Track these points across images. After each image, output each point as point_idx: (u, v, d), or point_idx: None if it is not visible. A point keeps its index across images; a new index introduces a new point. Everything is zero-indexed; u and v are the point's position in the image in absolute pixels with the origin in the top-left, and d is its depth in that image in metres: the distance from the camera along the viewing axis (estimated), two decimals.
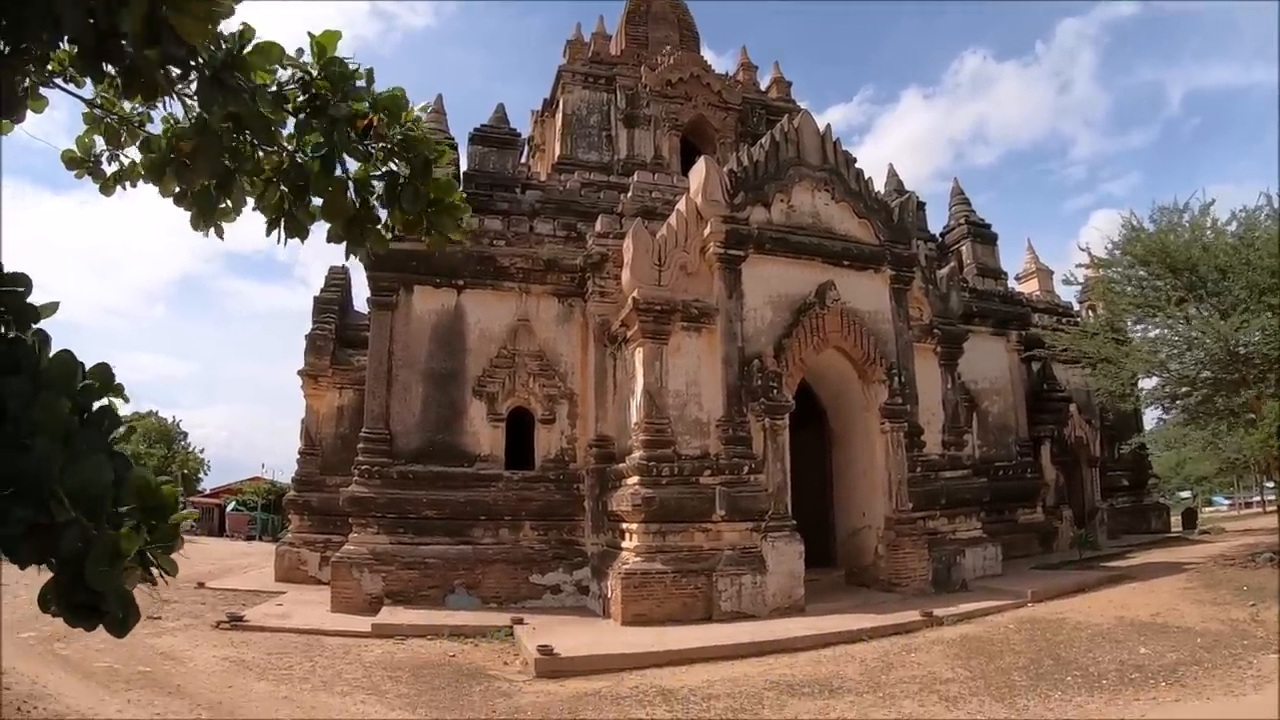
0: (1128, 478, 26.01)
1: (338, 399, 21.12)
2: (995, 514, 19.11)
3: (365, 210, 2.86)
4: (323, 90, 2.63)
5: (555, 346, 16.72)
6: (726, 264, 14.44)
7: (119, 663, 10.06)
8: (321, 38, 2.62)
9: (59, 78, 2.70)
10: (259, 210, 2.94)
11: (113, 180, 3.08)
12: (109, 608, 1.76)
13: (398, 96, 2.76)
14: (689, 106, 21.93)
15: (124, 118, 2.97)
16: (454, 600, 14.60)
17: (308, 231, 2.93)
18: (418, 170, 2.81)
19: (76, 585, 1.71)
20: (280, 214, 2.88)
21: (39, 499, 1.62)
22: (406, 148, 2.78)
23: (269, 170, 2.81)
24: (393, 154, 2.79)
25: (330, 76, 2.63)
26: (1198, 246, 16.55)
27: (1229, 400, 16.47)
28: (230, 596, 16.78)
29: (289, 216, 2.88)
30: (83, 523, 1.67)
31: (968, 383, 20.33)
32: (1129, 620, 11.39)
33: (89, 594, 1.72)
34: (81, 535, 1.67)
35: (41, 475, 1.63)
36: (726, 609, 12.77)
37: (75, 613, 1.76)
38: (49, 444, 1.66)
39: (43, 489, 1.63)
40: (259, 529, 40.16)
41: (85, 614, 1.77)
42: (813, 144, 15.86)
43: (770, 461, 13.93)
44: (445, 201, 2.90)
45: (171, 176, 2.79)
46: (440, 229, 2.96)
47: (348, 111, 2.64)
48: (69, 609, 1.76)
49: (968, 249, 24.16)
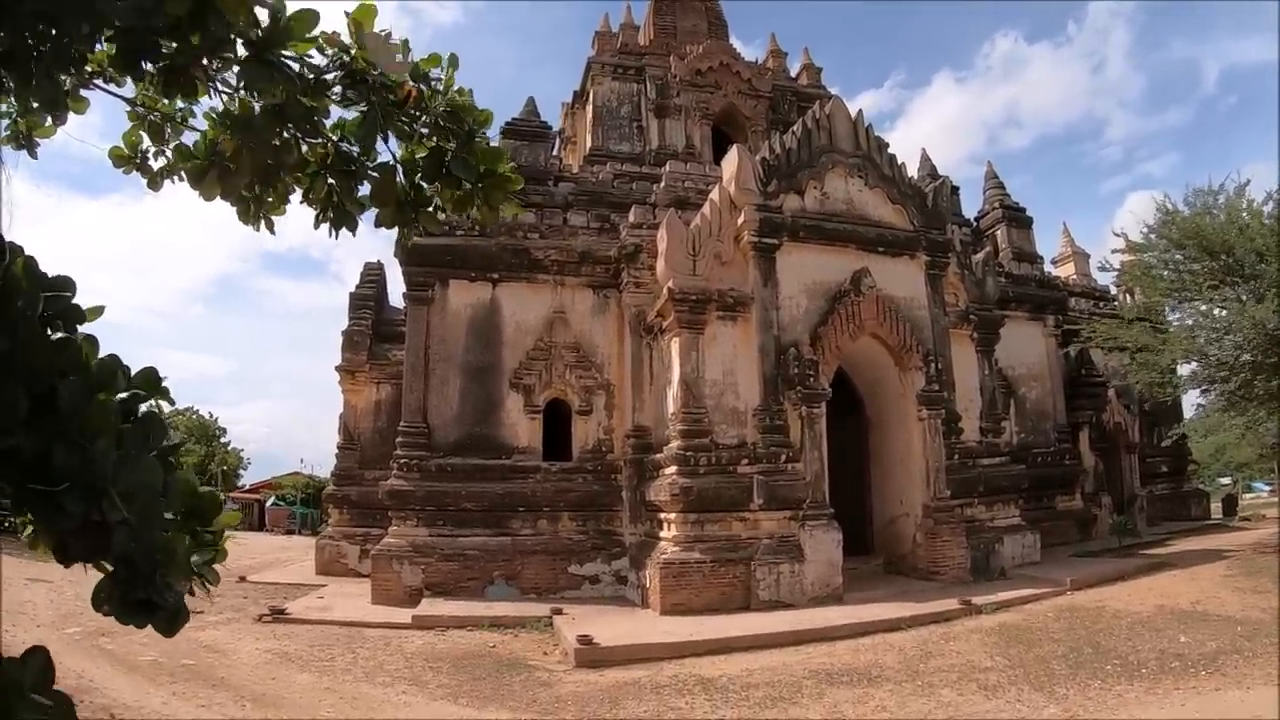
0: (1167, 464, 25.70)
1: (375, 394, 21.35)
2: (1033, 501, 18.97)
3: (415, 192, 2.87)
4: (361, 66, 2.61)
5: (591, 338, 16.81)
6: (761, 252, 14.42)
7: (163, 656, 10.25)
8: (357, 13, 2.60)
9: (98, 78, 2.71)
10: (307, 203, 2.94)
11: (160, 175, 3.09)
12: (162, 603, 1.78)
13: (437, 58, 2.75)
14: (719, 95, 21.85)
15: (167, 114, 2.97)
16: (493, 591, 14.71)
17: (357, 222, 2.94)
18: (463, 141, 2.80)
19: (132, 583, 1.75)
20: (329, 205, 2.89)
21: (93, 496, 1.65)
22: (451, 118, 2.76)
23: (314, 163, 2.81)
24: (437, 128, 2.77)
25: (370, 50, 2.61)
26: (1234, 229, 16.29)
27: (1268, 384, 16.24)
28: (271, 590, 17.06)
29: (337, 208, 2.89)
30: (133, 523, 1.70)
31: (1005, 368, 20.14)
32: (1169, 608, 11.29)
33: (143, 591, 1.75)
34: (132, 535, 1.69)
35: (96, 474, 1.65)
36: (764, 598, 12.79)
37: (127, 609, 1.79)
38: (104, 444, 1.70)
39: (96, 487, 1.65)
40: (298, 523, 40.69)
41: (137, 610, 1.79)
42: (845, 130, 15.78)
43: (807, 450, 13.92)
44: (496, 173, 2.88)
45: (214, 180, 2.79)
46: (492, 202, 2.95)
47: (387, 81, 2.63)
48: (121, 606, 1.78)
49: (1003, 233, 23.94)
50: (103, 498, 1.66)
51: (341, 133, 2.76)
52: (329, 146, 2.78)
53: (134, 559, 1.72)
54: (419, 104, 2.72)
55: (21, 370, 1.65)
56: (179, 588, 1.85)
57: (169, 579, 1.80)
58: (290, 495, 43.50)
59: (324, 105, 2.64)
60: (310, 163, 2.81)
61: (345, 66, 2.61)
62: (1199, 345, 17.27)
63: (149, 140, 3.04)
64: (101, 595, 1.79)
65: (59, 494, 1.61)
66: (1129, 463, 22.85)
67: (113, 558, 1.72)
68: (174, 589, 1.83)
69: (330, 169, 2.81)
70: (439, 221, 3.01)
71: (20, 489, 1.63)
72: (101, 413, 1.75)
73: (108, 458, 1.69)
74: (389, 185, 2.80)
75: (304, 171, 2.83)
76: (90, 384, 1.79)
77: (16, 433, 1.60)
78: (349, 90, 2.62)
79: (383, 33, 2.65)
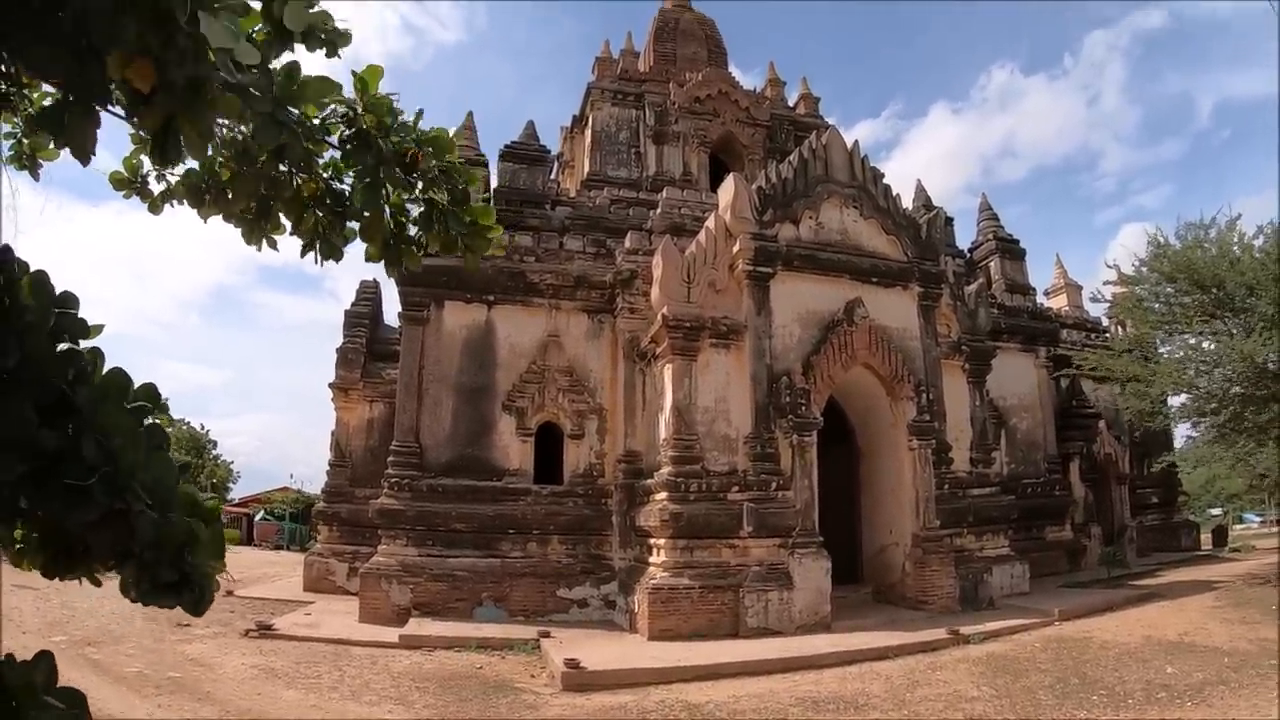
0: (1157, 495, 25.78)
1: (368, 412, 21.37)
2: (1023, 531, 19.03)
3: (401, 233, 2.94)
4: (368, 126, 2.69)
5: (584, 362, 16.87)
6: (755, 281, 14.53)
7: (149, 668, 10.26)
8: (365, 73, 2.68)
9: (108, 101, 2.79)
10: (295, 234, 2.99)
11: (160, 199, 3.10)
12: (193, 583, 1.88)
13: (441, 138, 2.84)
14: (717, 123, 22.02)
15: None
16: (481, 613, 14.70)
17: (342, 254, 3.00)
18: (457, 198, 2.90)
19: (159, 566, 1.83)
20: (316, 237, 2.94)
21: (117, 490, 1.73)
22: (446, 178, 2.87)
23: (306, 196, 2.86)
24: (432, 184, 2.86)
25: (375, 111, 2.70)
26: (1224, 263, 16.47)
27: (1258, 417, 16.36)
28: (259, 605, 17.01)
29: (324, 240, 2.95)
30: (153, 514, 1.78)
31: (996, 399, 20.26)
32: (1156, 639, 11.34)
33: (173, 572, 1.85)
34: (155, 523, 1.78)
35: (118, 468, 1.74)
36: (753, 625, 12.81)
37: (157, 591, 1.87)
38: (124, 443, 1.78)
39: (119, 481, 1.73)
40: (286, 538, 40.45)
41: (166, 592, 1.88)
42: (841, 161, 15.94)
43: (798, 478, 13.98)
44: (480, 223, 2.99)
45: (211, 203, 2.86)
46: (475, 250, 3.04)
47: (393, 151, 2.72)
48: (151, 589, 1.87)
49: (996, 265, 24.10)
50: (126, 491, 1.74)
51: (334, 171, 2.83)
52: (321, 183, 2.84)
53: (161, 544, 1.81)
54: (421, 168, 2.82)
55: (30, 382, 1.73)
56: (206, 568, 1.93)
57: (195, 559, 1.89)
58: (279, 510, 43.31)
59: (322, 148, 2.71)
60: (302, 197, 2.86)
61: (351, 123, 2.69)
62: (1189, 377, 17.42)
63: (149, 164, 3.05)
64: (130, 581, 1.87)
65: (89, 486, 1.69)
66: (1119, 494, 22.90)
67: (140, 545, 1.80)
68: (201, 570, 1.91)
69: (320, 204, 2.88)
70: (420, 260, 3.08)
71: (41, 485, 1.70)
72: (117, 415, 1.84)
73: (127, 454, 1.78)
74: (377, 226, 2.87)
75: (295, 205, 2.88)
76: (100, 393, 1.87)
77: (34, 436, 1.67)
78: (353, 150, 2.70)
79: (391, 96, 2.73)
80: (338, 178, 2.86)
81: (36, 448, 1.68)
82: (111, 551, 1.82)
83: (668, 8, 26.13)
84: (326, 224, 2.92)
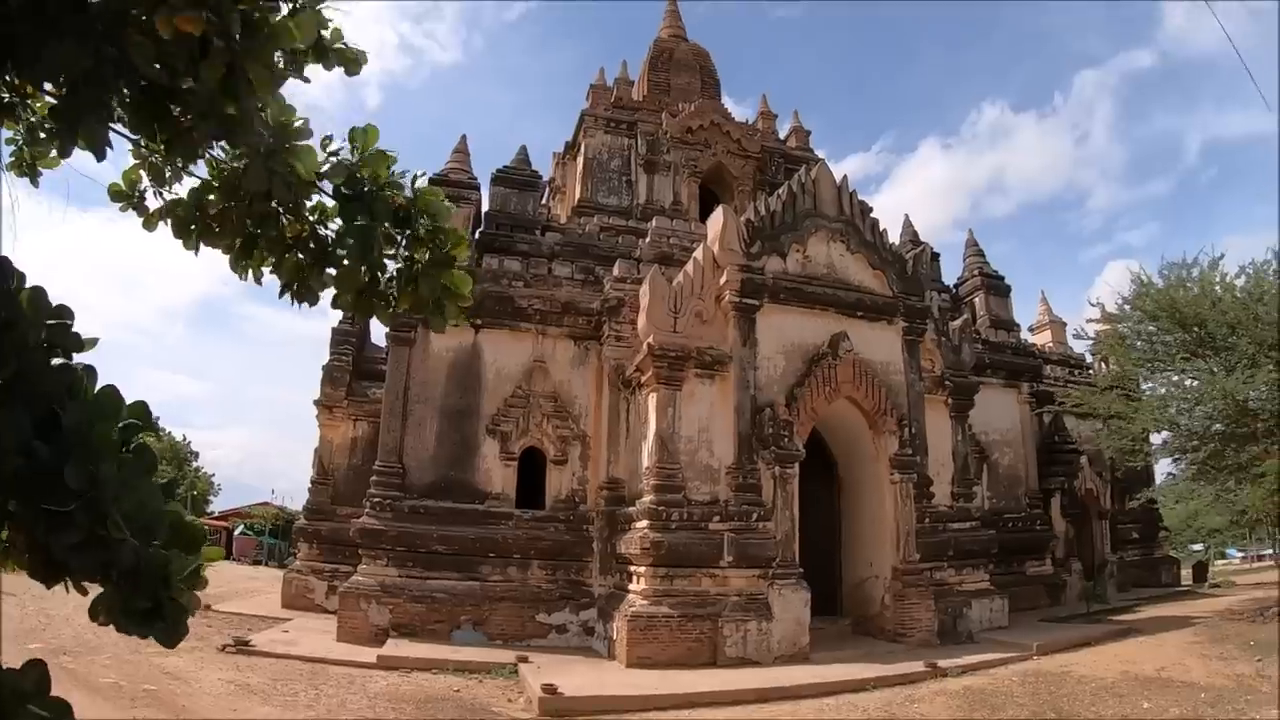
0: (1138, 530, 25.87)
1: (352, 430, 21.34)
2: (1003, 566, 19.08)
3: (375, 286, 2.95)
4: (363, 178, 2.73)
5: (569, 388, 16.93)
6: (741, 312, 14.65)
7: (124, 680, 10.20)
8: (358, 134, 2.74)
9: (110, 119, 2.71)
10: (275, 274, 3.00)
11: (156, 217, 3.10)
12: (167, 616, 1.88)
13: (438, 204, 2.88)
14: (708, 154, 22.23)
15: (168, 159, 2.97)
16: (460, 636, 14.65)
17: (318, 298, 3.03)
18: (439, 260, 2.92)
19: (135, 595, 1.84)
20: (295, 280, 2.97)
21: (98, 515, 1.74)
22: (433, 239, 2.89)
23: (290, 238, 2.89)
24: (418, 243, 2.88)
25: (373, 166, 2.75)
26: (1206, 302, 16.68)
27: (1238, 455, 16.52)
28: (236, 620, 16.91)
29: (302, 283, 2.96)
30: (134, 543, 1.79)
31: (978, 434, 20.39)
32: (1133, 675, 11.40)
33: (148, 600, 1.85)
34: (136, 552, 1.79)
35: (101, 494, 1.74)
36: (731, 655, 12.82)
37: (130, 619, 1.87)
38: (109, 467, 1.79)
39: (101, 506, 1.74)
40: (266, 554, 40.21)
41: (140, 621, 1.87)
42: (829, 195, 16.11)
43: (779, 509, 14.04)
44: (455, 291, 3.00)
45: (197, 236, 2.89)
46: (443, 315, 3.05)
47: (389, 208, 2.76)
48: (124, 616, 1.86)
49: (981, 300, 24.33)
50: (107, 518, 1.75)
51: (320, 215, 2.86)
52: (306, 226, 2.87)
53: (139, 573, 1.81)
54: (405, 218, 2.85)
55: (24, 395, 1.76)
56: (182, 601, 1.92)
57: (170, 592, 1.88)
58: (259, 525, 43.07)
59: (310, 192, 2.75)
60: (286, 238, 2.89)
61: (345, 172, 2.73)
62: (1170, 415, 17.59)
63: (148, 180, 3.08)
64: (100, 608, 1.87)
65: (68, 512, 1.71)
66: (1100, 529, 23.02)
67: (117, 573, 1.81)
68: (177, 601, 1.91)
69: (303, 247, 2.91)
70: (390, 316, 3.10)
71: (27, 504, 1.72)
72: (106, 437, 1.86)
73: (112, 479, 1.79)
74: (354, 276, 2.89)
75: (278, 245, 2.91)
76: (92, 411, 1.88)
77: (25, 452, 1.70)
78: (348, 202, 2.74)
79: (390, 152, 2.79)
80: (323, 222, 2.88)
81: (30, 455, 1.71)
82: (91, 572, 1.83)
83: (664, 38, 26.40)
84: (307, 267, 2.94)
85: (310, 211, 2.86)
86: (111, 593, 1.86)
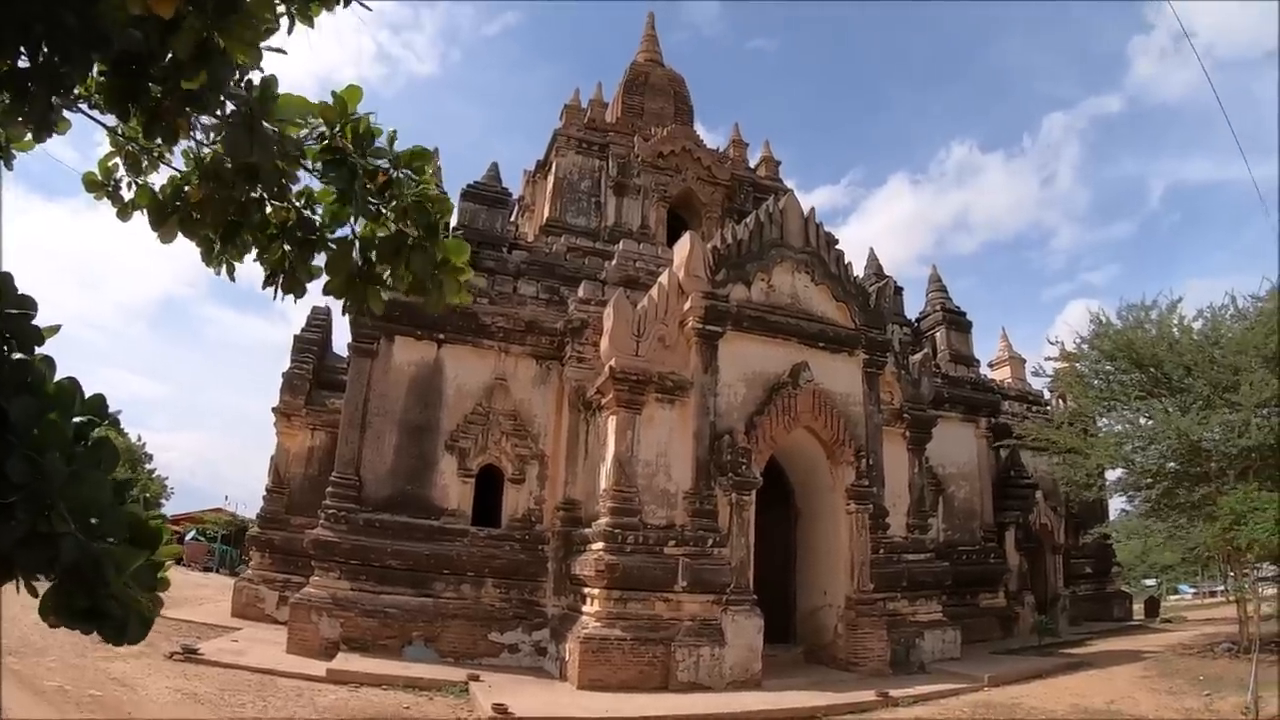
0: (1091, 565, 26.20)
1: (309, 440, 21.14)
2: (957, 598, 19.24)
3: (368, 269, 2.92)
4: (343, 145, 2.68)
5: (530, 407, 16.89)
6: (704, 339, 14.72)
7: (70, 683, 10.07)
8: (344, 93, 2.69)
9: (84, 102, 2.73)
10: (260, 263, 2.98)
11: (131, 206, 3.06)
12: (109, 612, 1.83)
13: (421, 152, 2.83)
14: (678, 179, 22.36)
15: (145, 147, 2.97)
16: (411, 652, 14.50)
17: (305, 289, 2.99)
18: (428, 231, 2.85)
19: (77, 592, 1.79)
20: (280, 269, 2.94)
21: (41, 509, 1.71)
22: (419, 208, 2.82)
23: (274, 225, 2.86)
24: (404, 214, 2.82)
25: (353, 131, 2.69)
26: (1164, 344, 17.06)
27: (1190, 493, 16.83)
28: (185, 628, 16.63)
29: (289, 273, 2.94)
30: (79, 536, 1.74)
31: (935, 467, 20.60)
32: (1083, 708, 11.55)
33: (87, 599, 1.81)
34: (79, 546, 1.74)
35: (45, 487, 1.71)
36: (683, 679, 12.80)
37: (75, 618, 1.83)
38: (55, 459, 1.76)
39: (44, 500, 1.71)
40: (217, 561, 39.62)
41: (83, 619, 1.83)
42: (796, 226, 16.27)
43: (735, 536, 14.08)
44: (452, 262, 2.95)
45: (174, 225, 2.83)
46: (443, 290, 2.99)
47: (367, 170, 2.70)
48: (68, 614, 1.83)
49: (942, 335, 24.65)
50: (51, 511, 1.72)
51: (306, 200, 2.84)
52: (292, 211, 2.85)
53: (81, 569, 1.76)
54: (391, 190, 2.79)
55: None
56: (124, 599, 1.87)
57: (116, 589, 1.83)
58: (211, 531, 42.46)
59: (294, 171, 2.72)
60: (271, 224, 2.86)
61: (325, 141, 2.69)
62: (1125, 452, 17.96)
63: (124, 169, 3.05)
64: (48, 605, 1.83)
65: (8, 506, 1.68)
66: (1054, 563, 23.30)
67: (59, 568, 1.77)
68: (122, 600, 1.86)
69: (289, 234, 2.88)
70: (383, 302, 3.05)
71: None
72: (53, 429, 1.82)
73: (59, 472, 1.75)
74: (345, 259, 2.86)
75: (263, 232, 2.88)
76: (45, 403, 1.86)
77: None
78: (328, 168, 2.69)
79: (368, 115, 2.75)
80: (310, 207, 2.86)
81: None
82: (36, 567, 1.80)
83: (640, 62, 26.60)
84: (294, 256, 2.92)
85: (297, 196, 2.84)
86: (55, 589, 1.83)
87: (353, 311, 3.14)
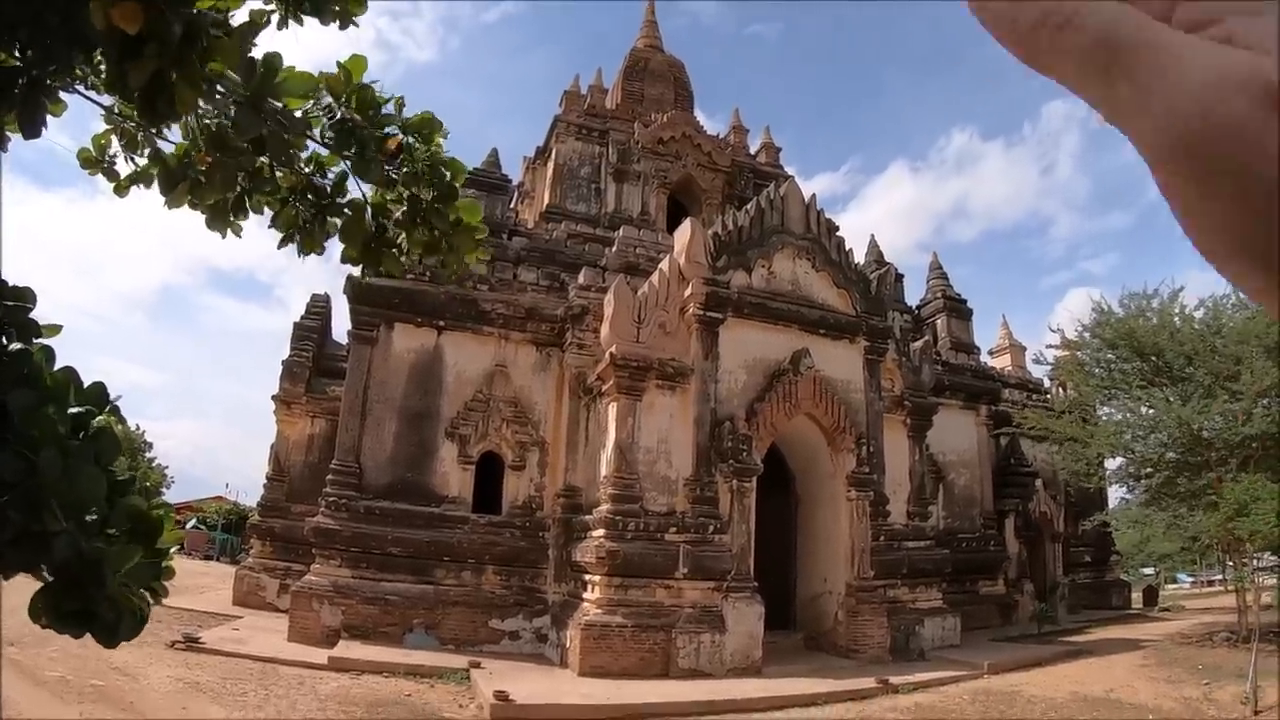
0: (1090, 554, 26.24)
1: (309, 427, 21.11)
2: (956, 585, 19.25)
3: (382, 234, 2.88)
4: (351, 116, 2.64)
5: (530, 394, 16.87)
6: (705, 325, 14.69)
7: (72, 674, 10.05)
8: (349, 63, 2.64)
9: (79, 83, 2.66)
10: (274, 227, 2.92)
11: (128, 182, 3.01)
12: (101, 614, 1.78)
13: (429, 119, 2.77)
14: (679, 165, 22.27)
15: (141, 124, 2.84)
16: (412, 639, 14.52)
17: (323, 248, 2.93)
18: (442, 194, 2.81)
19: (68, 594, 1.75)
20: (296, 230, 2.89)
21: (34, 507, 1.66)
22: (432, 171, 2.77)
23: (285, 190, 2.82)
24: (418, 179, 2.77)
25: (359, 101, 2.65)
26: (1165, 333, 17.03)
27: (1191, 483, 16.83)
28: (186, 616, 16.60)
29: (305, 233, 2.89)
30: (73, 534, 1.70)
31: (936, 454, 20.58)
32: (1082, 695, 11.57)
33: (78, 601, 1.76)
34: (72, 545, 1.70)
35: (38, 484, 1.67)
36: (684, 666, 12.82)
37: (63, 620, 1.79)
38: (50, 455, 1.71)
39: (38, 497, 1.66)
40: (217, 549, 39.65)
41: (73, 621, 1.79)
42: (797, 213, 16.21)
43: (736, 523, 14.07)
44: (466, 224, 2.90)
45: (183, 192, 2.75)
46: (460, 249, 2.94)
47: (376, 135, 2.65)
48: (57, 616, 1.78)
49: (943, 323, 24.59)
50: (44, 509, 1.67)
51: (315, 165, 2.79)
52: (302, 178, 2.80)
53: (72, 569, 1.72)
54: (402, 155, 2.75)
55: None
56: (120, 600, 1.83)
57: (109, 591, 1.78)
58: (212, 520, 42.48)
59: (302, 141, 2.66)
60: (282, 189, 2.82)
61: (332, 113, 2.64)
62: (1126, 441, 17.93)
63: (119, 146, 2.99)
64: (39, 606, 1.79)
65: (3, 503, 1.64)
66: (1053, 551, 23.30)
67: (51, 568, 1.73)
68: (115, 601, 1.81)
69: (300, 198, 2.84)
70: (400, 265, 3.00)
71: None
72: (48, 424, 1.77)
73: (52, 469, 1.70)
74: (358, 224, 2.82)
75: (275, 196, 2.84)
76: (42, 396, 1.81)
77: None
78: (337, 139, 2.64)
79: (374, 84, 2.69)
80: (320, 173, 2.82)
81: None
82: (25, 566, 1.75)
83: (640, 47, 26.45)
84: (308, 217, 2.87)
85: (306, 162, 2.79)
86: (46, 590, 1.78)
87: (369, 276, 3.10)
